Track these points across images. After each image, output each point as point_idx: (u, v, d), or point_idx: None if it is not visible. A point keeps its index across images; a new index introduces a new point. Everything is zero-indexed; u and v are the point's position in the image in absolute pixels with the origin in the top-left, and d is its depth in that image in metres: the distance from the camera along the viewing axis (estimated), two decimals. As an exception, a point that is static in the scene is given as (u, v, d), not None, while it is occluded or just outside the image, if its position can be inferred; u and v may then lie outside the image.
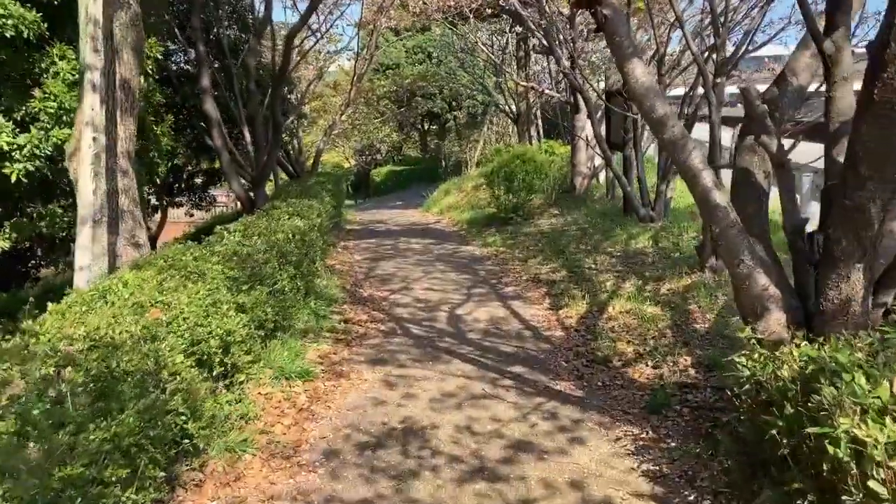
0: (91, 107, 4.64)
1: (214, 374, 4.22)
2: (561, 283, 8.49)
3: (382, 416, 4.74)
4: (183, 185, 16.30)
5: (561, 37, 11.98)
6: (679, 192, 12.48)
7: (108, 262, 5.63)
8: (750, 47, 7.74)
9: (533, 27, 13.13)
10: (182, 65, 12.73)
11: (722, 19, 7.38)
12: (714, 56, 7.61)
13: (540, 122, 20.53)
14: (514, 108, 24.40)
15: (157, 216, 16.64)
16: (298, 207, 8.72)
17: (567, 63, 11.44)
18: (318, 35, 14.56)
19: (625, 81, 3.60)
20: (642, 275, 8.08)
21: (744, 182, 3.97)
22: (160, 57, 8.01)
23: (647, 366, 5.60)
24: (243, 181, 11.48)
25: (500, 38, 23.88)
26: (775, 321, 3.59)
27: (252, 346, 4.96)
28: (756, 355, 3.40)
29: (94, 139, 5.23)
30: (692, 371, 5.33)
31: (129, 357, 3.00)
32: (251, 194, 10.64)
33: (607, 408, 4.87)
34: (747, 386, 3.41)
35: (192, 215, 17.30)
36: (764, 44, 8.06)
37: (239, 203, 11.82)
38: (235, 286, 4.85)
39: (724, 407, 4.55)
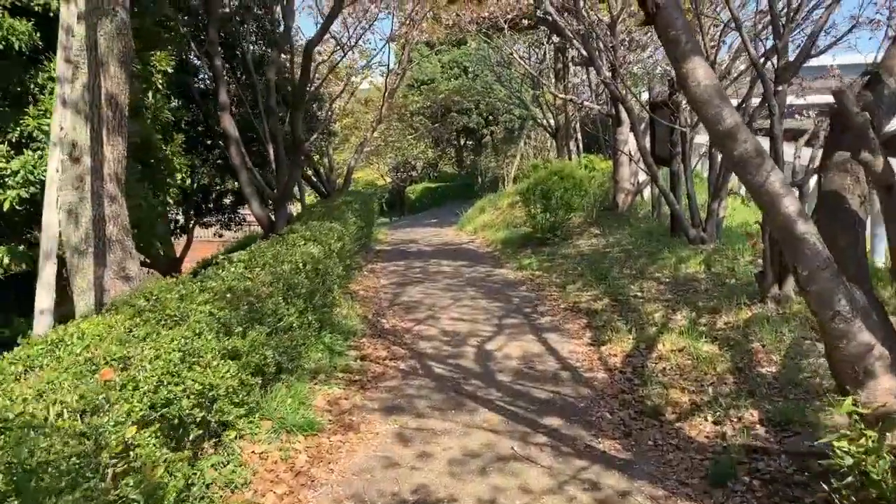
0: (60, 124, 4.11)
1: (192, 437, 3.58)
2: (603, 314, 7.69)
3: (392, 484, 4.03)
4: (212, 205, 15.99)
5: (601, 45, 11.23)
6: (730, 210, 11.55)
7: (95, 298, 5.08)
8: (813, 51, 6.86)
9: (571, 36, 12.41)
10: (207, 81, 12.38)
11: (783, 19, 6.55)
12: (774, 61, 6.77)
13: (579, 136, 19.71)
14: (552, 121, 23.64)
15: (184, 238, 16.38)
16: (317, 231, 8.13)
17: (608, 73, 10.67)
18: (346, 49, 14.08)
19: (682, 85, 2.85)
20: (695, 305, 7.23)
21: (834, 208, 3.17)
22: (170, 70, 7.53)
23: (706, 420, 4.76)
24: (267, 201, 10.99)
25: (537, 49, 23.21)
26: (884, 390, 2.78)
27: (246, 397, 4.32)
28: (861, 438, 2.60)
29: (77, 159, 4.71)
30: (761, 429, 4.48)
31: (52, 441, 2.36)
32: (272, 216, 10.13)
33: (660, 476, 4.06)
34: (850, 478, 2.61)
35: (221, 235, 16.97)
36: (829, 47, 7.17)
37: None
38: (225, 330, 4.23)
39: (804, 482, 3.71)
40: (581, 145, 19.72)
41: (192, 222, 15.10)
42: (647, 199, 13.92)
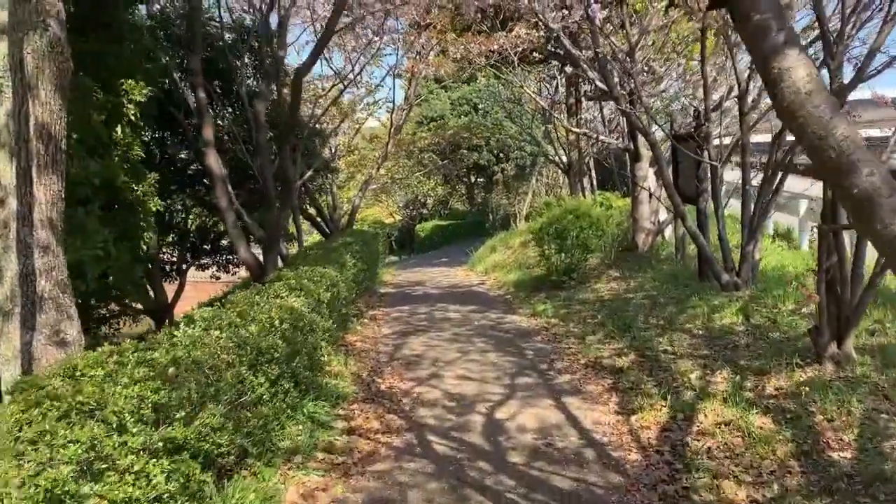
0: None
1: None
2: (630, 373, 6.72)
3: None
4: (209, 246, 15.23)
5: (616, 75, 10.48)
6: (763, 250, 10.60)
7: (22, 368, 4.21)
8: (869, 71, 6.00)
9: (586, 67, 11.67)
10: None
11: (835, 35, 5.71)
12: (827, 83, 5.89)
13: (593, 172, 18.91)
14: (564, 158, 22.92)
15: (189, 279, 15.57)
16: (306, 278, 7.27)
17: (626, 103, 9.87)
18: (348, 82, 13.43)
19: (772, 93, 1.97)
20: (736, 364, 6.25)
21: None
22: (142, 100, 6.78)
23: (774, 527, 3.77)
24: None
25: (548, 84, 22.60)
26: None
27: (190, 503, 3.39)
28: None
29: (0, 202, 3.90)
30: (851, 546, 3.49)
31: None
32: (262, 260, 9.31)
33: None
34: None
35: (218, 278, 16.15)
36: (886, 65, 6.29)
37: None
38: (163, 416, 3.33)
39: None
40: (595, 182, 18.91)
41: (186, 264, 14.31)
42: (668, 238, 12.98)
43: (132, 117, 6.78)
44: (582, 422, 5.66)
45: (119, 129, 6.60)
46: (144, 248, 7.35)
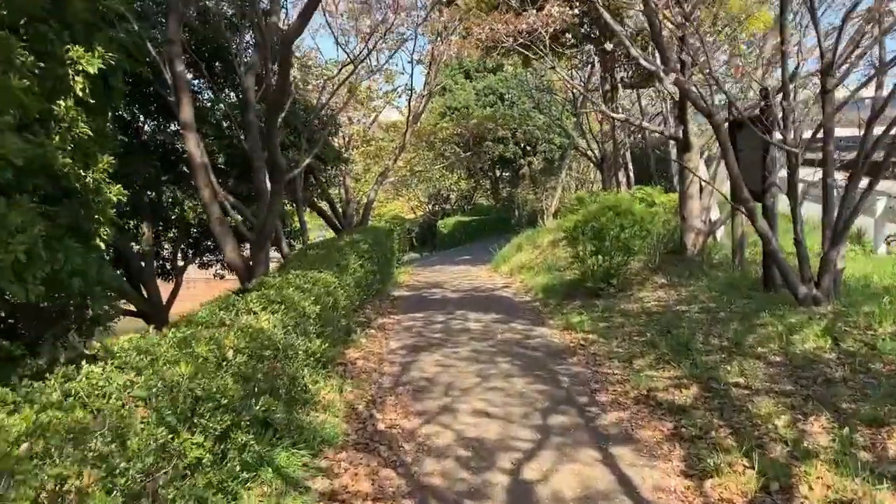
0: None
1: None
2: (695, 413, 5.29)
3: None
4: (211, 243, 14.06)
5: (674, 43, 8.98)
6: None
7: None
8: None
9: (629, 43, 10.19)
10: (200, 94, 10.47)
11: None
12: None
13: (630, 165, 17.37)
14: (596, 150, 21.40)
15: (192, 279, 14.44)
16: (294, 285, 5.97)
17: (684, 79, 8.36)
18: (359, 62, 12.09)
19: None
20: (836, 408, 4.82)
21: None
22: (93, 72, 5.49)
23: None
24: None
25: (580, 71, 21.06)
26: None
27: None
28: None
29: None
30: None
31: None
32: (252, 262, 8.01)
33: None
34: None
35: (222, 276, 14.96)
36: None
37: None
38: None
39: None
40: (632, 176, 17.37)
41: (185, 262, 13.14)
42: (720, 240, 11.44)
43: (80, 92, 5.50)
44: (639, 488, 4.25)
45: (63, 104, 5.33)
46: (102, 245, 6.09)
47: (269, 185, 7.92)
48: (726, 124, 9.26)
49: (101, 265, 6.58)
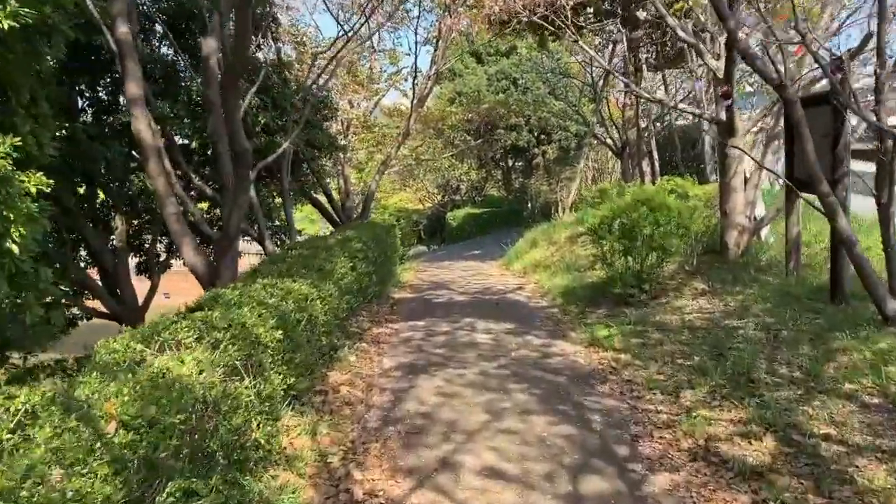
0: None
1: None
2: (779, 482, 3.94)
3: None
4: (199, 237, 12.80)
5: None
6: None
7: None
8: None
9: (664, 10, 8.79)
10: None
11: None
12: None
13: (655, 153, 15.92)
14: (617, 139, 19.98)
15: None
16: (257, 300, 4.68)
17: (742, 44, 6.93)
18: (353, 33, 10.70)
19: None
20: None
21: None
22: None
23: None
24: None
25: (601, 53, 19.58)
26: None
27: None
28: None
29: None
30: None
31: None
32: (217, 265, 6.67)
33: None
34: None
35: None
36: None
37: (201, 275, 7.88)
38: None
39: None
40: (657, 165, 15.91)
41: (160, 258, 11.90)
42: (763, 239, 10.01)
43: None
44: None
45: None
46: (16, 248, 4.81)
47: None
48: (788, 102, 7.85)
49: (29, 270, 5.32)
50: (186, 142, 9.83)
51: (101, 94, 9.28)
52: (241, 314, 4.34)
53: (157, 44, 9.76)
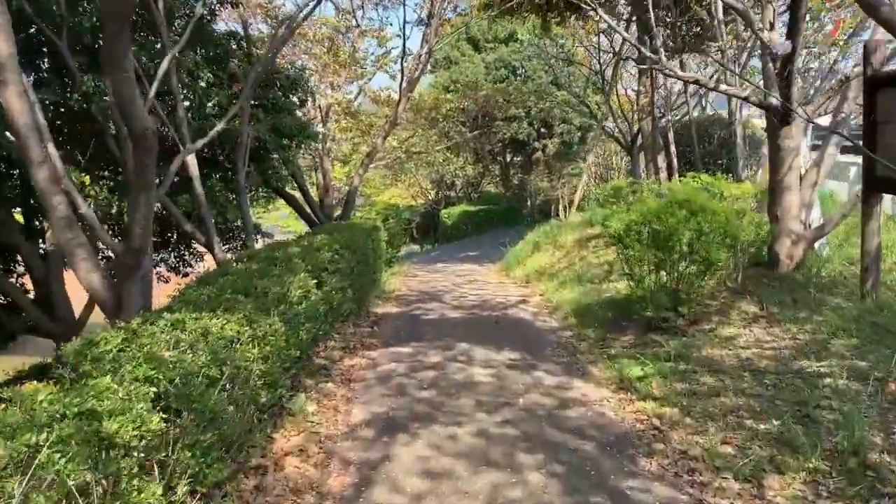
0: None
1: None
2: None
3: None
4: (160, 239, 11.12)
5: None
6: None
7: None
8: None
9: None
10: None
11: None
12: None
13: (673, 148, 14.25)
14: (626, 131, 18.35)
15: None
16: (139, 358, 3.00)
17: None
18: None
19: None
20: None
21: None
22: None
23: None
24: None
25: (610, 37, 17.92)
26: None
27: None
28: None
29: None
30: None
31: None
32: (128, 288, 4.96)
33: None
34: None
35: (185, 274, 12.00)
36: None
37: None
38: None
39: None
40: (675, 161, 14.24)
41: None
42: (816, 249, 8.35)
43: None
44: None
45: None
46: None
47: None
48: (868, 83, 6.23)
49: None
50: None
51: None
52: (100, 388, 2.66)
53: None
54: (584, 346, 7.39)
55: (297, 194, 12.41)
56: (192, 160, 7.41)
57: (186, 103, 8.28)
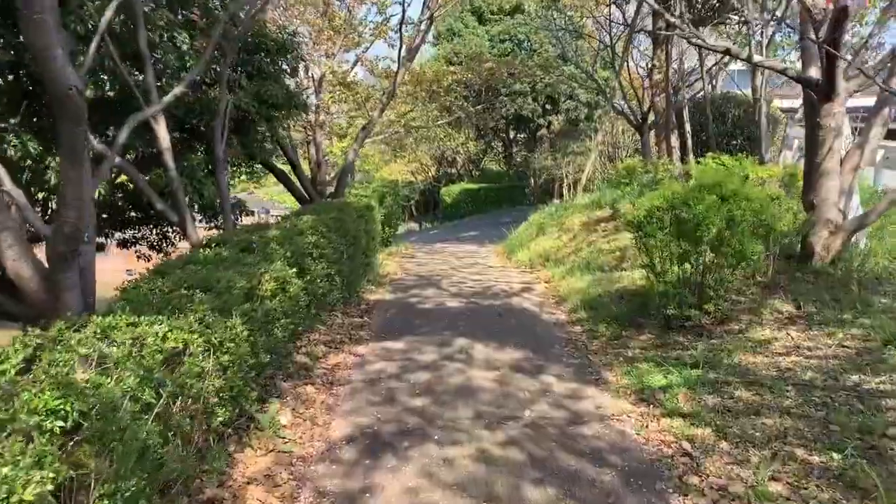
0: None
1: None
2: None
3: None
4: (141, 214, 10.30)
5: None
6: None
7: None
8: None
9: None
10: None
11: None
12: None
13: (688, 126, 13.40)
14: (636, 108, 17.48)
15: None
16: (41, 383, 2.22)
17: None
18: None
19: None
20: None
21: None
22: None
23: None
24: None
25: (622, 8, 16.95)
26: None
27: None
28: None
29: None
30: None
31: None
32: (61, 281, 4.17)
33: None
34: None
35: (148, 258, 11.22)
36: None
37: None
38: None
39: None
40: (690, 141, 13.39)
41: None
42: (853, 240, 7.57)
43: None
44: None
45: None
46: None
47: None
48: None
49: None
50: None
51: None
52: None
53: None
54: (596, 344, 6.65)
55: (288, 169, 11.61)
56: (162, 131, 6.60)
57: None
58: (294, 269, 5.45)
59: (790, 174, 8.40)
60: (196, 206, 7.86)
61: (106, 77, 6.51)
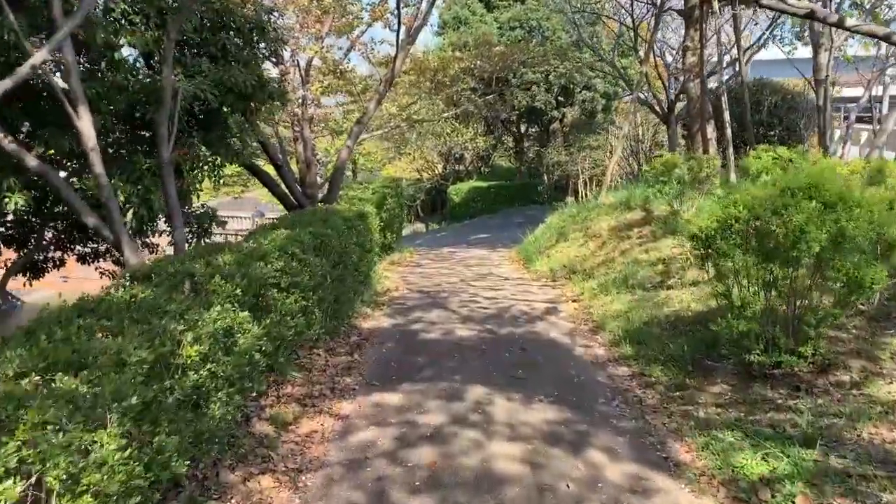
0: None
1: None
2: None
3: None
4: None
5: None
6: None
7: None
8: None
9: None
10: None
11: None
12: None
13: (727, 117, 11.80)
14: (663, 98, 15.97)
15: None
16: None
17: None
18: None
19: None
20: None
21: None
22: None
23: None
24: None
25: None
26: None
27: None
28: None
29: None
30: None
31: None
32: None
33: None
34: None
35: (112, 275, 9.71)
36: None
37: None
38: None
39: None
40: (730, 132, 11.79)
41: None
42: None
43: None
44: None
45: None
46: None
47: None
48: None
49: None
50: None
51: None
52: None
53: None
54: (653, 397, 5.10)
55: (270, 170, 10.12)
56: (86, 126, 5.11)
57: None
58: (246, 313, 3.95)
59: (877, 169, 6.84)
60: (144, 219, 6.40)
61: None
